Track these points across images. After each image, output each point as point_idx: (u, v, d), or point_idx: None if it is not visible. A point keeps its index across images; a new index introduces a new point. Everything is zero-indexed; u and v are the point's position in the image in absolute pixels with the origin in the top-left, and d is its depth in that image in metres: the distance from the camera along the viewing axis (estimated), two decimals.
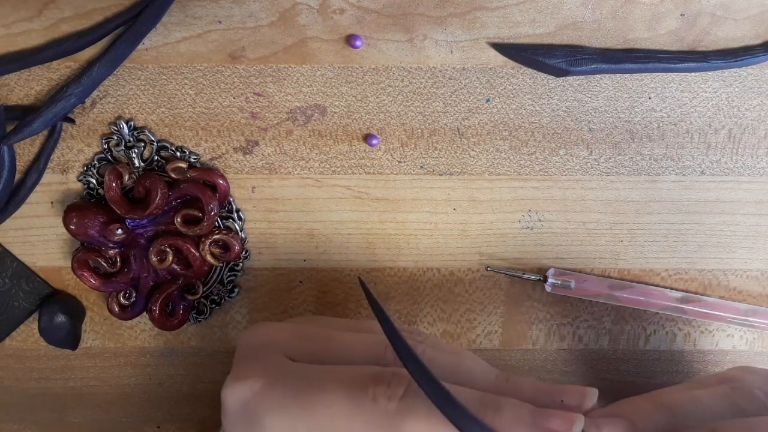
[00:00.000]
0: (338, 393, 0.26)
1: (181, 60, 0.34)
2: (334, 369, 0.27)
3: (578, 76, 0.35)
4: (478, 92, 0.35)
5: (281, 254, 0.38)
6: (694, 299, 0.38)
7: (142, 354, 0.40)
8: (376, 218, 0.37)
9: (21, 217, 0.37)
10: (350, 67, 0.34)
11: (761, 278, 0.39)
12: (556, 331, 0.40)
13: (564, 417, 0.25)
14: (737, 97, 0.35)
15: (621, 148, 0.36)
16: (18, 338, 0.39)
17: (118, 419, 0.42)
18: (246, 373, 0.28)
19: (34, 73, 0.34)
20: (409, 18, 0.34)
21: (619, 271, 0.39)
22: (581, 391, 0.27)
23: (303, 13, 0.33)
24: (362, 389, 0.26)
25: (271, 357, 0.29)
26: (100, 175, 0.36)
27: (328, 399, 0.26)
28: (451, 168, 0.36)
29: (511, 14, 0.34)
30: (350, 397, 0.26)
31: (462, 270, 0.38)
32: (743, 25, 0.34)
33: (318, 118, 0.35)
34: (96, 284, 0.36)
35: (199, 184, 0.35)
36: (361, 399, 0.25)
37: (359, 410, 0.25)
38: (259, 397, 0.27)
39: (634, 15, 0.34)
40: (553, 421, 0.25)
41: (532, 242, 0.38)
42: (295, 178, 0.36)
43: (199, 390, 0.41)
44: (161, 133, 0.35)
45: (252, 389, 0.28)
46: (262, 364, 0.29)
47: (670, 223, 0.38)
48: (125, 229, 0.35)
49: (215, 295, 0.38)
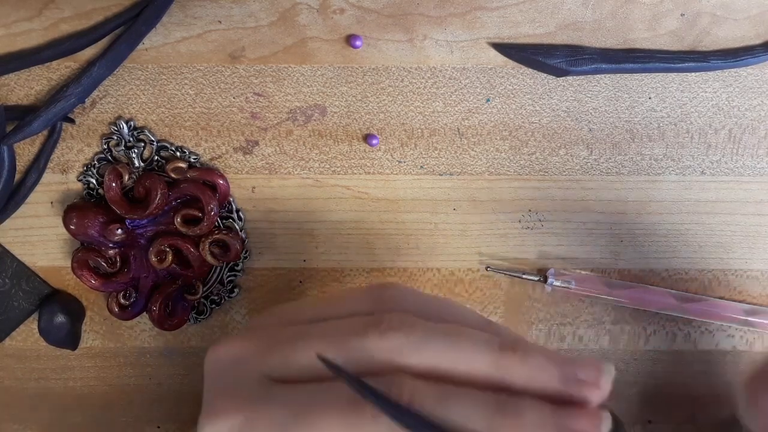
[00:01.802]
0: (332, 418, 0.23)
1: (181, 60, 0.34)
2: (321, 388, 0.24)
3: (578, 76, 0.35)
4: (478, 92, 0.35)
5: (281, 254, 0.38)
6: (694, 299, 0.38)
7: (142, 354, 0.40)
8: (376, 218, 0.37)
9: (21, 217, 0.37)
10: (350, 67, 0.34)
11: (761, 278, 0.39)
12: (557, 331, 0.40)
13: (590, 416, 0.23)
14: (737, 97, 0.35)
15: (621, 148, 0.36)
16: (18, 338, 0.39)
17: (118, 419, 0.42)
18: (224, 409, 0.25)
19: (34, 73, 0.34)
20: (409, 18, 0.34)
21: (619, 271, 0.39)
22: (598, 367, 0.24)
23: (303, 13, 0.33)
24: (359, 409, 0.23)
25: (245, 382, 0.25)
26: (100, 175, 0.36)
27: (323, 424, 0.23)
28: (451, 168, 0.36)
29: (511, 14, 0.34)
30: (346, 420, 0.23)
31: (462, 270, 0.38)
32: (743, 25, 0.34)
33: (318, 118, 0.35)
34: (96, 284, 0.36)
35: (199, 184, 0.35)
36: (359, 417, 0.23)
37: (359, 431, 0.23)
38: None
39: (634, 15, 0.34)
40: (578, 422, 0.23)
41: (532, 242, 0.38)
42: (295, 178, 0.36)
43: (199, 390, 0.41)
44: (161, 133, 0.35)
45: (231, 427, 0.24)
46: (237, 393, 0.25)
47: (670, 223, 0.38)
48: (125, 229, 0.35)
49: (215, 295, 0.38)
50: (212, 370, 0.27)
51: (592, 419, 0.23)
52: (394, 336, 0.25)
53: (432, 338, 0.25)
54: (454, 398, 0.24)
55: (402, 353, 0.24)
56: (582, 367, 0.24)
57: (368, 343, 0.25)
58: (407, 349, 0.24)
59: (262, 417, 0.24)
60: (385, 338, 0.25)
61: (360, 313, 0.26)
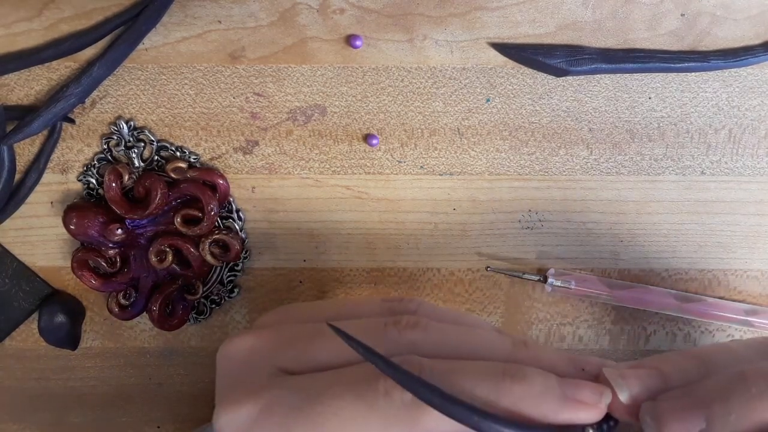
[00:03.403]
0: (346, 397, 0.24)
1: (181, 60, 0.34)
2: (335, 373, 0.25)
3: (578, 76, 0.35)
4: (478, 92, 0.35)
5: (281, 254, 0.38)
6: (694, 299, 0.38)
7: (142, 354, 0.40)
8: (376, 218, 0.37)
9: (21, 217, 0.37)
10: (350, 67, 0.34)
11: (761, 278, 0.39)
12: (557, 331, 0.40)
13: (593, 388, 0.24)
14: (737, 97, 0.35)
15: (621, 148, 0.36)
16: (18, 338, 0.39)
17: (118, 419, 0.42)
18: (238, 399, 0.25)
19: (34, 73, 0.34)
20: (409, 18, 0.34)
21: (619, 271, 0.39)
22: (601, 362, 0.26)
23: (303, 13, 0.33)
24: (371, 386, 0.23)
25: (260, 374, 0.26)
26: (100, 175, 0.36)
27: (336, 406, 0.24)
28: (451, 168, 0.36)
29: (511, 14, 0.34)
30: (360, 397, 0.23)
31: (462, 270, 0.38)
32: (743, 25, 0.34)
33: (318, 118, 0.35)
34: (96, 284, 0.36)
35: (199, 184, 0.35)
36: (372, 397, 0.23)
37: (372, 410, 0.23)
38: (259, 424, 0.24)
39: (634, 15, 0.34)
40: (582, 392, 0.24)
41: (532, 242, 0.38)
42: (295, 178, 0.36)
43: (199, 390, 0.41)
44: (161, 133, 0.35)
45: (249, 416, 0.25)
46: (253, 385, 0.26)
47: (670, 223, 0.38)
48: (125, 229, 0.35)
49: (215, 295, 0.38)
50: (225, 364, 0.27)
51: (594, 391, 0.24)
52: (413, 333, 0.25)
53: (448, 336, 0.26)
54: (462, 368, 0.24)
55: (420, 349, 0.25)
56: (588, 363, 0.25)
57: (387, 339, 0.25)
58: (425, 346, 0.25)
59: (278, 406, 0.24)
60: (404, 335, 0.25)
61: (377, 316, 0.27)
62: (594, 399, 0.24)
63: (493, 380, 0.24)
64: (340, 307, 0.29)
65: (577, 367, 0.25)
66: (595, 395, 0.24)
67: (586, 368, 0.25)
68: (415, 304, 0.28)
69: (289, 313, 0.30)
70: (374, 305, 0.28)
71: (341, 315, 0.28)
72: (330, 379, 0.25)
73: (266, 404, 0.25)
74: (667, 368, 0.25)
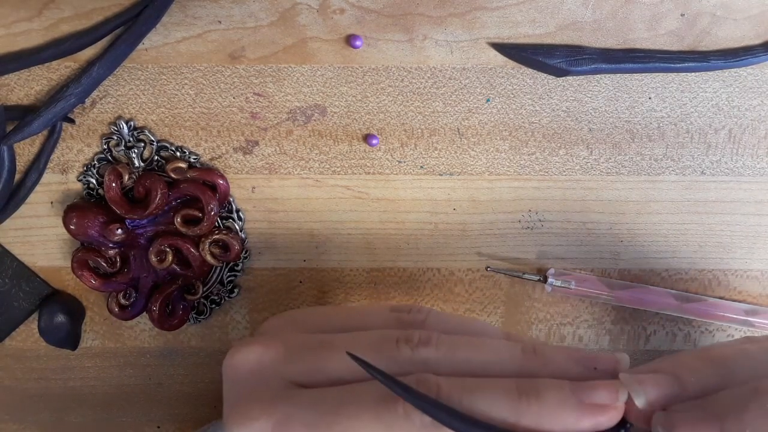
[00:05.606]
0: (363, 417, 0.23)
1: (181, 60, 0.34)
2: (350, 390, 0.24)
3: (578, 76, 0.35)
4: (478, 92, 0.35)
5: (281, 254, 0.38)
6: (694, 299, 0.38)
7: (142, 354, 0.40)
8: (376, 218, 0.37)
9: (21, 217, 0.37)
10: (350, 67, 0.34)
11: (761, 278, 0.39)
12: (557, 331, 0.40)
13: (608, 387, 0.24)
14: (737, 97, 0.35)
15: (621, 148, 0.36)
16: (18, 338, 0.39)
17: (118, 419, 0.42)
18: (250, 413, 0.25)
19: (34, 73, 0.34)
20: (409, 18, 0.34)
21: (619, 271, 0.39)
22: (614, 357, 0.25)
23: (303, 13, 0.33)
24: (390, 408, 0.23)
25: (271, 386, 0.25)
26: (100, 175, 0.36)
27: (355, 423, 0.23)
28: (451, 168, 0.36)
29: (511, 14, 0.34)
30: (378, 418, 0.23)
31: (462, 270, 0.38)
32: (743, 25, 0.34)
33: (318, 118, 0.35)
34: (96, 284, 0.36)
35: (199, 184, 0.35)
36: (391, 419, 0.23)
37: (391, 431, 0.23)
38: None
39: (634, 15, 0.34)
40: (597, 394, 0.24)
41: (532, 242, 0.38)
42: (295, 178, 0.36)
43: (199, 390, 0.41)
44: (161, 133, 0.35)
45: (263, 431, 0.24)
46: (264, 397, 0.25)
47: (670, 223, 0.38)
48: (125, 229, 0.35)
49: (215, 295, 0.38)
50: (233, 374, 0.27)
51: (610, 390, 0.24)
52: (426, 350, 0.25)
53: (459, 349, 0.26)
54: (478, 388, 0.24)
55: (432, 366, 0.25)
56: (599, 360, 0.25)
57: (401, 357, 0.25)
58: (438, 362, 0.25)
59: (292, 421, 0.24)
60: (417, 353, 0.25)
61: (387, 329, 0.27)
62: (610, 399, 0.24)
63: (509, 400, 0.23)
64: (348, 315, 0.29)
65: (589, 366, 0.25)
66: (611, 395, 0.24)
67: (598, 366, 0.25)
68: (423, 314, 0.28)
69: (295, 320, 0.29)
70: (382, 315, 0.28)
71: (349, 324, 0.28)
72: (345, 396, 0.24)
73: (280, 419, 0.24)
74: (684, 374, 0.24)
